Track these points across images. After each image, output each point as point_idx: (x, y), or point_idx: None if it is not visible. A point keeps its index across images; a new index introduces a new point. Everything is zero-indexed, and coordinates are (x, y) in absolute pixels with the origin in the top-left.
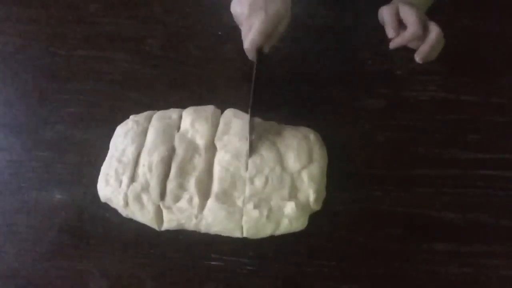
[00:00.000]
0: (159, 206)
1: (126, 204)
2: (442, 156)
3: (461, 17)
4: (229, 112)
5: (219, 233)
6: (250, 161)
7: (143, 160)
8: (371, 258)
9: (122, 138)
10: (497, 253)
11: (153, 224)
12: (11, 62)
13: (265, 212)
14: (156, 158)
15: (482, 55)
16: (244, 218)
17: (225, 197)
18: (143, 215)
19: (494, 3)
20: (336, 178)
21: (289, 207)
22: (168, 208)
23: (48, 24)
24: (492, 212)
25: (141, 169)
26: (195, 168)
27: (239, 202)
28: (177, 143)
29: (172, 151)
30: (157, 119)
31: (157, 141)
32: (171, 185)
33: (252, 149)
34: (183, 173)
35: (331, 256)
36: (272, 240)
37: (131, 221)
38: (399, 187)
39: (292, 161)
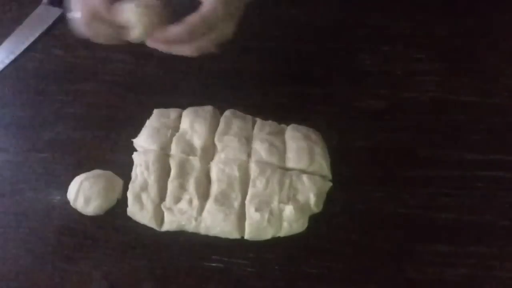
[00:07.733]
0: (158, 205)
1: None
2: (442, 157)
3: (461, 17)
4: (229, 113)
5: (218, 235)
6: (250, 162)
7: (139, 159)
8: (371, 260)
9: None
10: (498, 254)
11: (152, 224)
12: (11, 63)
13: (266, 216)
14: (151, 157)
15: (482, 55)
16: (247, 221)
17: (223, 198)
18: (143, 215)
19: (494, 3)
20: (336, 179)
21: (289, 211)
22: (169, 209)
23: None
24: (493, 213)
25: (138, 169)
26: (194, 169)
27: (236, 204)
28: (174, 143)
29: (167, 151)
30: (155, 118)
31: (149, 140)
32: (171, 185)
33: (252, 150)
34: (182, 174)
35: (331, 258)
36: (273, 241)
37: (131, 222)
38: (399, 188)
39: (293, 162)
